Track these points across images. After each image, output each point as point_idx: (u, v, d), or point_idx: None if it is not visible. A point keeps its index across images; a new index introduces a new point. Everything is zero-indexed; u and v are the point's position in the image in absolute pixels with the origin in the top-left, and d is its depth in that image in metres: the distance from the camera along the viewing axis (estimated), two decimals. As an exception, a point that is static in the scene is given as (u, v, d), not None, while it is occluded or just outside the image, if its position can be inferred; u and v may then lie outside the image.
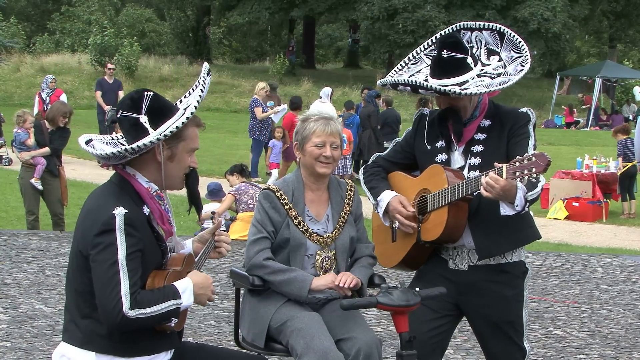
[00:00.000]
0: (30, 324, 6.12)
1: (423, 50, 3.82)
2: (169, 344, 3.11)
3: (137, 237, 2.91)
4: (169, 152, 3.05)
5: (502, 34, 3.71)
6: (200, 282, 3.06)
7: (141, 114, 3.01)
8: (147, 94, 3.05)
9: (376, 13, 33.73)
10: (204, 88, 3.08)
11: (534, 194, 3.33)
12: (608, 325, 6.59)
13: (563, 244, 10.33)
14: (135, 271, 2.89)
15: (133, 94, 3.07)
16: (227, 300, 6.87)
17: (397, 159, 3.89)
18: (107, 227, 2.88)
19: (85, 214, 3.01)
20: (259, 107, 15.09)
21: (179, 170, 3.12)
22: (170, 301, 2.94)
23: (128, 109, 3.03)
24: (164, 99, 3.10)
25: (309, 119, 3.90)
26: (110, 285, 2.84)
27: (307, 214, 3.90)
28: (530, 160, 3.14)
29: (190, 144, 3.10)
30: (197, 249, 3.35)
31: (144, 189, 3.05)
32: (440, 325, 3.67)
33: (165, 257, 3.12)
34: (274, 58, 38.58)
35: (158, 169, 3.05)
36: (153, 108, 3.02)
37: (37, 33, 44.63)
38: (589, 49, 55.51)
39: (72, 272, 3.04)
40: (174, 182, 3.13)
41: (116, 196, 2.97)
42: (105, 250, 2.87)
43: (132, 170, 3.07)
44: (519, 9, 33.24)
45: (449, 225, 3.52)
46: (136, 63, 32.81)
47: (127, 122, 3.03)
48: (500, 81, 3.56)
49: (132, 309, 2.84)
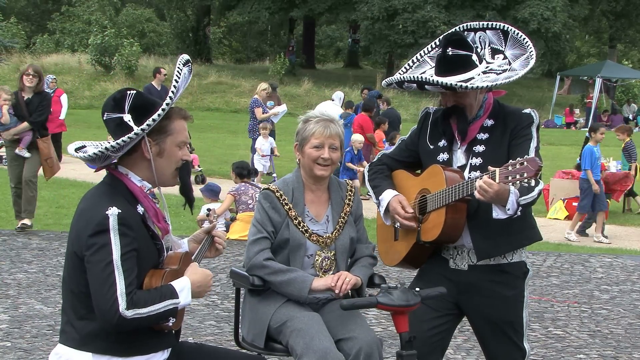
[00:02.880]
0: (30, 324, 6.12)
1: (427, 52, 3.82)
2: (166, 343, 3.10)
3: (131, 236, 2.90)
4: (157, 148, 3.04)
5: (505, 32, 3.71)
6: (198, 281, 3.04)
7: (124, 113, 3.00)
8: (130, 92, 3.04)
9: (376, 13, 33.76)
10: (178, 78, 3.03)
11: (528, 198, 3.32)
12: (608, 325, 6.59)
13: (563, 244, 10.33)
14: (131, 271, 2.87)
15: (116, 94, 3.06)
16: (227, 300, 6.87)
17: (401, 157, 3.89)
18: (101, 228, 2.86)
19: (79, 215, 3.00)
20: (259, 108, 15.08)
21: (170, 165, 3.09)
22: (168, 301, 2.93)
23: (112, 109, 3.03)
24: (147, 96, 3.09)
25: (310, 120, 3.90)
26: (106, 285, 2.83)
27: (306, 215, 3.90)
28: (522, 164, 3.12)
29: (178, 137, 3.08)
30: (193, 249, 3.34)
31: (137, 188, 3.04)
32: (440, 325, 3.67)
33: (161, 256, 3.11)
34: (274, 58, 38.61)
35: (149, 166, 3.04)
36: (136, 106, 3.01)
37: (37, 33, 44.64)
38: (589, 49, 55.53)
39: (68, 273, 3.03)
40: (166, 178, 3.11)
41: (109, 196, 2.96)
42: (100, 250, 2.86)
43: (124, 169, 3.06)
44: (519, 9, 33.28)
45: (446, 227, 3.52)
46: (136, 63, 32.85)
47: (112, 122, 3.01)
48: (506, 76, 3.55)
49: (128, 309, 2.83)
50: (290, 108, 22.97)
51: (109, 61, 32.97)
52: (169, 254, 3.16)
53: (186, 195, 3.39)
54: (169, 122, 3.03)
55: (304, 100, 30.30)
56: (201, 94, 32.26)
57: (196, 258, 3.27)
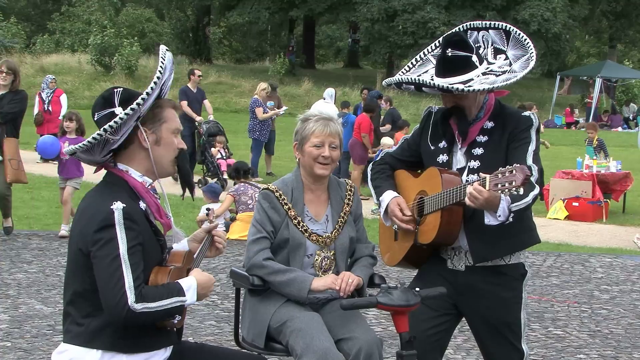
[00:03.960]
0: (30, 324, 6.12)
1: (431, 51, 3.81)
2: (168, 340, 3.11)
3: (136, 230, 2.91)
4: (153, 137, 3.06)
5: (508, 32, 3.70)
6: (203, 282, 3.06)
7: (115, 106, 3.03)
8: (117, 90, 3.08)
9: (376, 14, 33.75)
10: (162, 67, 3.05)
11: (520, 204, 3.31)
12: (608, 325, 6.59)
13: (563, 244, 10.33)
14: (138, 264, 2.88)
15: (104, 93, 3.10)
16: (227, 300, 6.87)
17: (404, 157, 3.89)
18: (107, 223, 2.87)
19: (81, 213, 3.01)
20: (259, 108, 15.08)
21: (168, 153, 3.11)
22: (175, 298, 2.94)
23: (102, 107, 3.05)
24: (134, 90, 3.12)
25: (309, 119, 3.90)
26: (114, 279, 2.83)
27: (306, 214, 3.90)
28: (511, 173, 3.11)
29: (172, 124, 3.11)
30: (193, 248, 3.34)
31: (138, 184, 3.05)
32: (439, 324, 3.67)
33: (164, 252, 3.12)
34: (274, 58, 38.62)
35: (147, 157, 3.06)
36: (125, 99, 3.04)
37: (37, 33, 44.62)
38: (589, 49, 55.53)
39: (72, 273, 3.03)
40: (165, 167, 3.12)
41: (112, 193, 2.97)
42: (107, 245, 2.86)
43: (124, 166, 3.07)
44: (519, 9, 33.29)
45: (442, 230, 3.53)
46: (136, 63, 32.84)
47: (105, 118, 3.02)
48: (505, 78, 3.54)
49: (137, 302, 2.83)
50: (290, 108, 22.97)
51: (109, 61, 32.97)
52: (172, 251, 3.18)
53: (186, 182, 3.39)
54: (160, 110, 3.08)
55: (304, 100, 30.28)
56: (201, 94, 32.23)
57: (197, 257, 3.27)
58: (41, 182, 13.69)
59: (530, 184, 3.23)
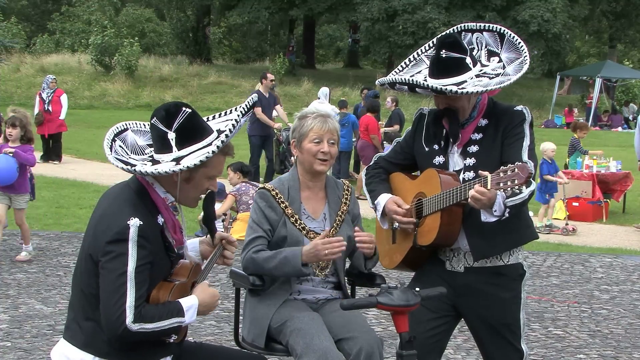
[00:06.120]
0: (30, 324, 6.12)
1: (424, 51, 3.81)
2: (167, 351, 3.11)
3: (148, 249, 2.90)
4: (187, 174, 3.01)
5: (502, 35, 3.70)
6: (205, 301, 3.06)
7: (171, 130, 2.98)
8: (185, 110, 3.01)
9: (376, 14, 33.74)
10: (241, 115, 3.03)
11: (516, 200, 3.30)
12: (608, 325, 6.59)
13: (563, 244, 10.33)
14: (143, 284, 2.88)
15: (172, 106, 3.03)
16: (227, 300, 6.87)
17: (397, 160, 3.88)
18: (121, 237, 2.86)
19: (99, 218, 2.99)
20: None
21: (195, 192, 3.10)
22: (174, 318, 2.94)
23: (161, 120, 3.01)
24: (198, 120, 3.04)
25: (307, 117, 3.91)
26: (116, 295, 2.83)
27: (303, 212, 3.90)
28: (513, 171, 3.12)
29: (211, 171, 3.07)
30: (205, 251, 3.34)
31: (160, 199, 3.04)
32: (438, 326, 3.66)
33: (174, 267, 3.11)
34: (274, 58, 38.60)
35: (174, 186, 3.04)
36: (184, 128, 2.98)
37: (37, 33, 44.62)
38: (589, 49, 55.53)
39: (81, 272, 3.03)
40: (188, 201, 3.12)
41: (133, 204, 2.95)
42: (116, 259, 2.86)
43: (151, 179, 3.05)
44: (519, 10, 33.24)
45: (441, 231, 3.52)
46: (136, 63, 32.87)
47: (157, 131, 3.01)
48: (498, 81, 3.53)
49: (135, 322, 2.83)
50: (290, 108, 22.95)
51: (109, 61, 32.99)
52: (180, 263, 3.15)
53: (208, 226, 3.36)
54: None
55: (303, 100, 30.26)
56: (201, 94, 32.26)
57: (206, 267, 3.26)
58: (41, 182, 13.66)
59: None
